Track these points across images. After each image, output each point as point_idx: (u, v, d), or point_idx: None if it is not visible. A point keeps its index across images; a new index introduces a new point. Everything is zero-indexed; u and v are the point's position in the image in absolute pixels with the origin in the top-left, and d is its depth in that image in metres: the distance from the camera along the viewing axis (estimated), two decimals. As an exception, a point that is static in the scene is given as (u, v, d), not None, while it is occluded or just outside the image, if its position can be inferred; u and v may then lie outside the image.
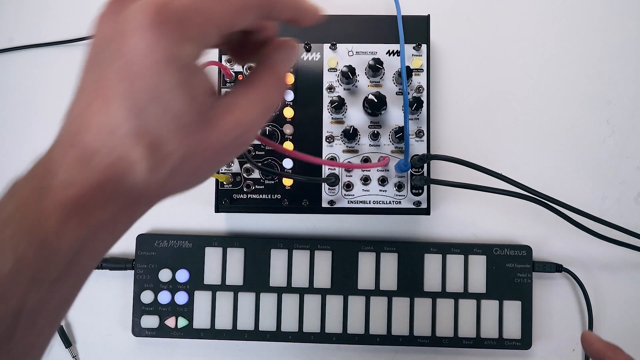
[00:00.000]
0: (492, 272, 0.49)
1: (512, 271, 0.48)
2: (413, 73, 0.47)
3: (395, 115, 0.47)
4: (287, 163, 0.47)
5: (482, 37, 0.53)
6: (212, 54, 0.53)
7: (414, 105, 0.45)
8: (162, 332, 0.49)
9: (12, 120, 0.53)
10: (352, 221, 0.51)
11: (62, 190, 0.21)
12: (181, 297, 0.49)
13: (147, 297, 0.49)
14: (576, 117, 0.52)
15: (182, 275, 0.49)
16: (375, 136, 0.46)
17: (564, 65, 0.52)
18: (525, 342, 0.48)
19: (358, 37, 0.48)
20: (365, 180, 0.47)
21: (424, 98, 0.47)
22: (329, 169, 0.47)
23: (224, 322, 0.48)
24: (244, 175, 0.48)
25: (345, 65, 0.45)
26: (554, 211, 0.42)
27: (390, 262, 0.49)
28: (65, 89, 0.58)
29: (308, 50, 0.48)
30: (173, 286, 0.49)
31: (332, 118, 0.47)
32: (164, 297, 0.49)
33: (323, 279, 0.49)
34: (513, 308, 0.48)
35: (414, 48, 0.47)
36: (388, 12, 0.52)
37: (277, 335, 0.48)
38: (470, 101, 0.52)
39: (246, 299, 0.48)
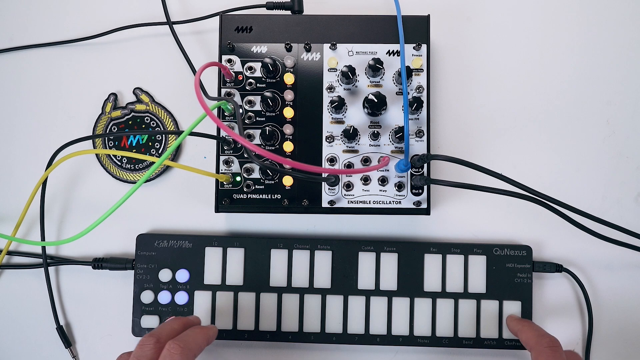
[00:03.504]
0: (492, 272, 0.49)
1: (512, 271, 0.48)
2: (413, 73, 0.47)
3: (395, 115, 0.47)
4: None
5: (482, 37, 0.53)
6: (212, 55, 0.53)
7: (414, 105, 0.45)
8: (162, 332, 0.49)
9: (13, 119, 0.53)
10: (352, 221, 0.51)
11: None
12: (181, 297, 0.49)
13: (147, 297, 0.49)
14: (576, 117, 0.52)
15: (182, 275, 0.49)
16: (375, 136, 0.46)
17: (564, 65, 0.53)
18: (525, 342, 0.48)
19: (358, 37, 0.48)
20: (366, 180, 0.47)
21: (424, 98, 0.47)
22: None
23: (223, 322, 0.48)
24: (244, 175, 0.48)
25: (345, 65, 0.45)
26: (554, 211, 0.42)
27: (390, 262, 0.49)
28: (65, 88, 0.58)
29: (308, 50, 0.48)
30: (173, 286, 0.49)
31: (332, 118, 0.48)
32: (164, 297, 0.49)
33: (323, 279, 0.49)
34: (513, 308, 0.48)
35: (414, 48, 0.47)
36: (388, 12, 0.52)
37: (277, 335, 0.48)
38: (470, 101, 0.52)
39: (246, 299, 0.48)
